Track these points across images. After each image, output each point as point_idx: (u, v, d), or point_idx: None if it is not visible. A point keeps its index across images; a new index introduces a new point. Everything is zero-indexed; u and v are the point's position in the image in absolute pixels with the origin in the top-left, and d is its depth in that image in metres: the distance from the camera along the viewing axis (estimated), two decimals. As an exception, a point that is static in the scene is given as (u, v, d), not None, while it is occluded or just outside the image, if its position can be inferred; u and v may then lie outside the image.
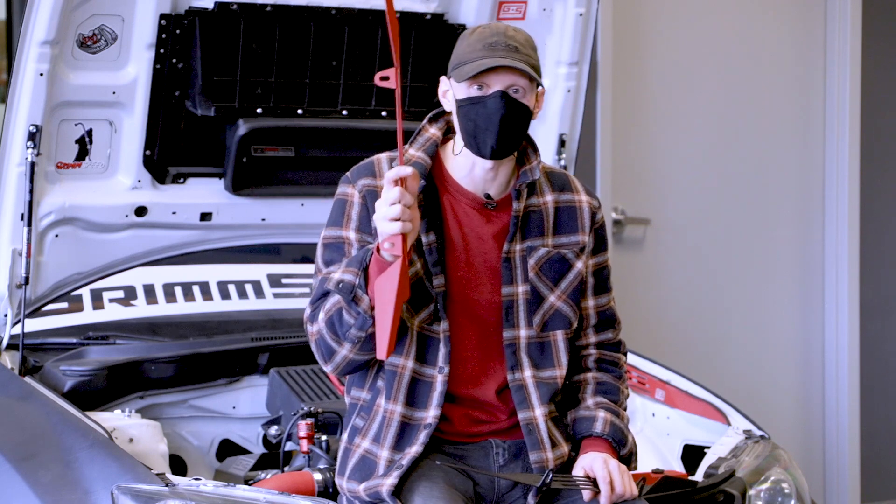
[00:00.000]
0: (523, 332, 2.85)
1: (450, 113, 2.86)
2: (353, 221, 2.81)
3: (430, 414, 2.79)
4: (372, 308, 2.65)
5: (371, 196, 2.81)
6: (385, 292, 2.62)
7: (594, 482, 2.78)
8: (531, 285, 2.85)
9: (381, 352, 2.63)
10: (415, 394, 2.80)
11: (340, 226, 2.82)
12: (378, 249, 2.63)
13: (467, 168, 2.84)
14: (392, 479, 2.75)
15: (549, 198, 2.90)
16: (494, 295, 2.84)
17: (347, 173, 2.87)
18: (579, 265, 2.90)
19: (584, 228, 2.91)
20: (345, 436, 2.88)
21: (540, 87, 2.82)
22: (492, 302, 2.84)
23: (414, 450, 2.78)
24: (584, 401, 2.91)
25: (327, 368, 2.80)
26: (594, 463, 2.79)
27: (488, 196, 2.85)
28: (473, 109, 2.76)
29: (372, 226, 2.78)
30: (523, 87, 2.76)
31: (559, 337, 2.88)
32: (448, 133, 2.89)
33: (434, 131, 2.88)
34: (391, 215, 2.60)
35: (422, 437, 2.78)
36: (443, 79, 2.84)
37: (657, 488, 2.97)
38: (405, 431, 2.80)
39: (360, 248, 2.79)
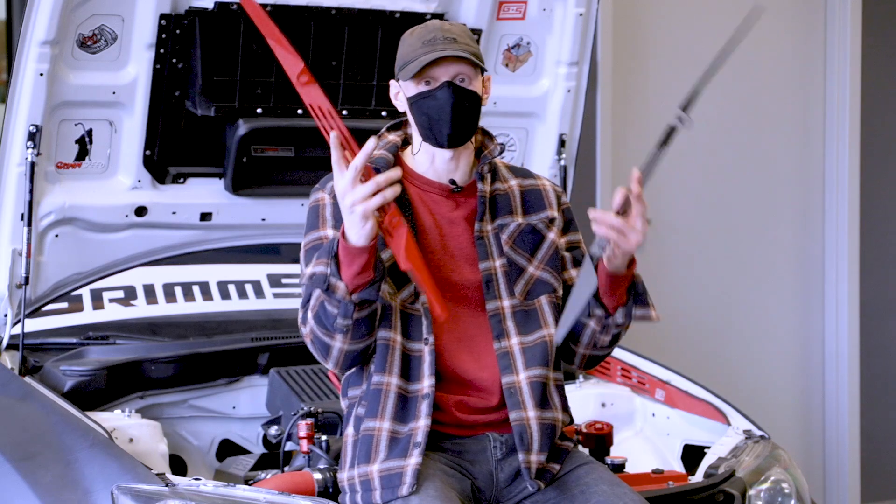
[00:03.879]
0: (507, 302, 2.90)
1: (407, 123, 2.94)
2: (329, 220, 2.87)
3: (425, 384, 2.81)
4: (349, 293, 2.68)
5: None
6: (404, 262, 2.67)
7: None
8: (507, 258, 2.91)
9: (438, 314, 2.70)
10: (408, 367, 2.82)
11: (317, 227, 2.87)
12: (343, 236, 2.65)
13: (428, 162, 2.92)
14: (416, 458, 2.76)
15: (514, 182, 3.00)
16: (473, 274, 2.90)
17: (317, 184, 2.95)
18: (552, 235, 2.97)
19: (552, 205, 3.00)
20: (350, 429, 2.88)
21: (485, 73, 2.91)
22: (472, 281, 2.89)
23: (422, 423, 2.79)
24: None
25: (328, 365, 2.82)
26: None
27: (453, 181, 2.92)
28: (424, 104, 2.85)
29: None
30: (468, 76, 2.86)
31: (544, 301, 2.93)
32: (406, 144, 2.98)
33: (393, 137, 2.98)
34: (369, 190, 2.60)
35: (424, 407, 2.80)
36: (392, 82, 2.94)
37: None
38: (405, 404, 2.81)
39: None
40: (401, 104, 2.92)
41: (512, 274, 2.91)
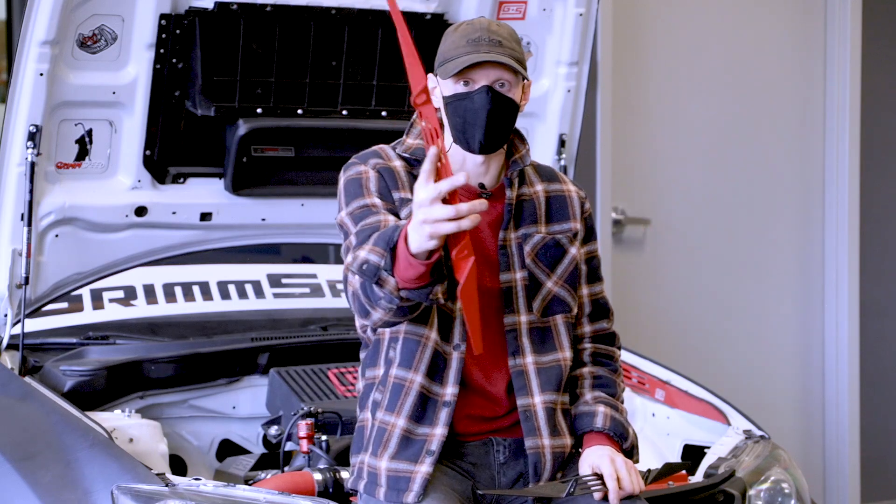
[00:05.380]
0: (524, 318, 2.86)
1: (439, 109, 2.87)
2: (374, 191, 2.78)
3: (449, 391, 2.79)
4: (398, 289, 2.56)
5: (386, 171, 2.81)
6: (459, 290, 2.50)
7: (601, 477, 2.79)
8: (528, 271, 2.87)
9: (473, 349, 2.55)
10: (435, 367, 2.79)
11: (362, 195, 2.78)
12: (406, 237, 2.51)
13: (459, 163, 2.85)
14: (427, 467, 2.75)
15: (539, 187, 2.93)
16: (493, 282, 2.85)
17: (353, 157, 2.85)
18: (573, 251, 2.92)
19: (576, 216, 2.94)
20: (367, 413, 2.86)
21: (526, 80, 2.83)
22: (491, 290, 2.85)
23: (439, 432, 2.77)
24: (583, 395, 2.92)
25: (363, 322, 2.74)
26: (601, 461, 2.80)
27: (482, 186, 2.86)
28: (460, 105, 2.78)
29: (395, 197, 2.78)
30: (509, 81, 2.78)
31: (559, 321, 2.89)
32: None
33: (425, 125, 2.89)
34: (447, 215, 2.42)
35: (443, 416, 2.78)
36: (430, 76, 2.85)
37: (660, 475, 3.00)
38: (425, 405, 2.78)
39: (388, 210, 2.75)
40: (436, 100, 2.83)
41: (531, 288, 2.86)
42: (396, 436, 2.79)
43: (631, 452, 2.89)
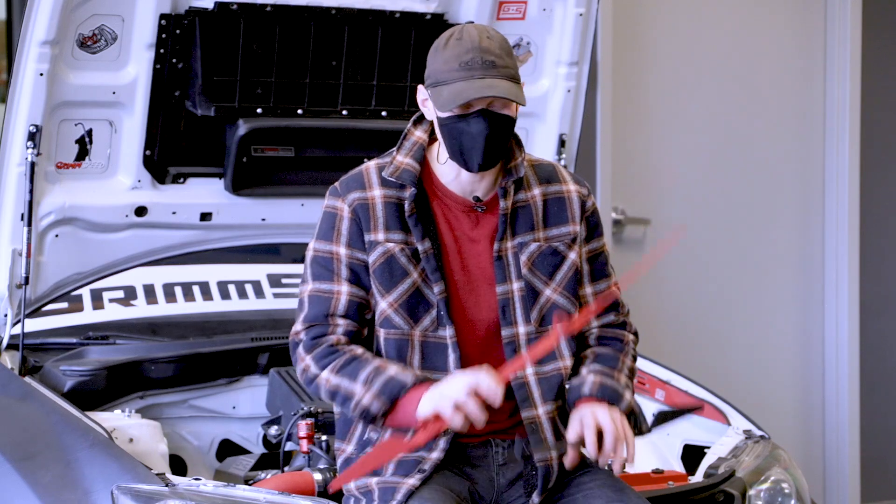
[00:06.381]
0: (522, 329, 2.84)
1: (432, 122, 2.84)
2: (344, 237, 2.80)
3: None
4: (383, 425, 2.76)
5: (362, 209, 2.80)
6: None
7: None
8: (525, 281, 2.84)
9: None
10: None
11: (330, 240, 2.81)
12: (413, 386, 2.69)
13: (454, 174, 2.83)
14: (413, 480, 2.75)
15: (537, 191, 2.89)
16: (491, 295, 2.84)
17: (336, 184, 2.85)
18: (572, 256, 2.88)
19: (575, 218, 2.89)
20: (350, 447, 2.86)
21: (521, 83, 2.79)
22: (489, 303, 2.83)
23: (435, 456, 2.77)
24: (580, 373, 2.89)
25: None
26: (582, 413, 2.78)
27: (477, 199, 2.84)
28: (457, 128, 2.74)
29: (365, 240, 2.79)
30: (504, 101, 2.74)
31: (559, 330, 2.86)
32: (433, 134, 2.86)
33: (420, 134, 2.86)
34: (460, 406, 2.65)
35: (442, 443, 2.77)
36: (420, 87, 2.81)
37: None
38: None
39: (350, 264, 2.79)
40: (428, 112, 2.80)
41: (528, 298, 2.83)
42: (392, 464, 2.79)
43: (627, 418, 2.84)
